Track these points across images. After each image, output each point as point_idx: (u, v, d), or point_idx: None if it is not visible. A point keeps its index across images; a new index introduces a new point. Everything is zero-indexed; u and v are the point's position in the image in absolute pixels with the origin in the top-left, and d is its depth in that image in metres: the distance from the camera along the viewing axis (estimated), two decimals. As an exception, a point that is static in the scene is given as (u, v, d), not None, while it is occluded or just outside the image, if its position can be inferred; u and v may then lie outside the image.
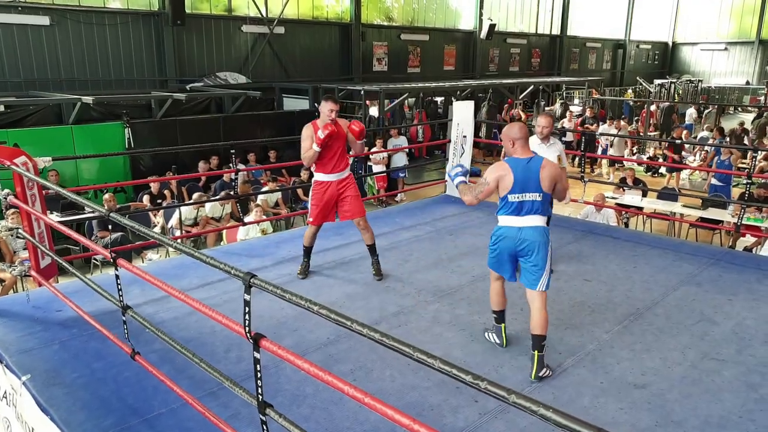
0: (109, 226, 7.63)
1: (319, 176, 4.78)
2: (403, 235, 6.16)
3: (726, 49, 30.35)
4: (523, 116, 17.11)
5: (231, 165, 6.77)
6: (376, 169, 11.93)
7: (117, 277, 2.99)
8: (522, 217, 3.43)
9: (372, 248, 4.98)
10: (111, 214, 2.94)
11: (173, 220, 8.28)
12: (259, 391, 2.12)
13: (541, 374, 3.43)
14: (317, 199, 4.79)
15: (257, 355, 2.08)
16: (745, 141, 14.58)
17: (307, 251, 5.05)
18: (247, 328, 2.09)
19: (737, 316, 4.26)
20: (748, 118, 23.54)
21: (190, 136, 10.49)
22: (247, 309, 2.09)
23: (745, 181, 6.24)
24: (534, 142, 4.69)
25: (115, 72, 13.03)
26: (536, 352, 3.42)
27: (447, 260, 5.44)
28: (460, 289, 4.76)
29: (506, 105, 18.41)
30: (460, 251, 5.72)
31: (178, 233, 7.98)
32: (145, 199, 8.96)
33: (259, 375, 2.09)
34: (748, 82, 29.33)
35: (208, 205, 8.54)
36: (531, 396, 3.44)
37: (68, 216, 7.78)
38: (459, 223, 6.73)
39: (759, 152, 10.94)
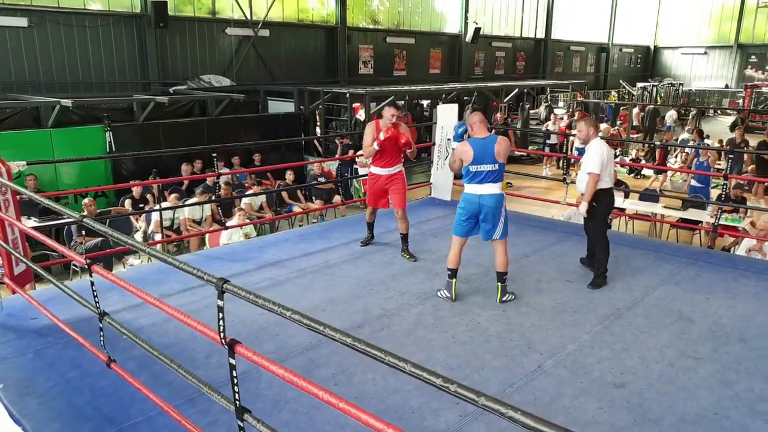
0: (83, 232, 7.55)
1: (373, 169, 5.62)
2: (388, 237, 6.16)
3: (706, 53, 30.75)
4: (499, 118, 17.19)
5: (214, 168, 6.74)
6: (362, 172, 11.90)
7: (92, 283, 2.95)
8: (482, 185, 4.39)
9: (404, 237, 5.65)
10: (84, 220, 2.91)
11: (152, 224, 8.21)
12: (237, 396, 2.11)
13: (504, 299, 4.52)
14: (369, 187, 5.73)
15: (233, 361, 2.07)
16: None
17: (369, 226, 5.99)
18: (221, 334, 2.07)
19: (714, 315, 4.32)
20: (727, 120, 23.84)
21: (173, 139, 10.41)
22: (221, 315, 2.08)
23: (722, 183, 6.31)
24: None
25: (95, 75, 12.89)
26: (500, 283, 4.52)
27: (431, 263, 5.45)
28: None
29: (492, 108, 18.49)
30: (444, 253, 5.69)
31: (158, 237, 7.91)
32: (127, 203, 8.88)
33: (235, 381, 2.08)
34: (727, 86, 29.72)
35: (187, 208, 8.48)
36: (512, 396, 3.47)
37: (46, 221, 7.69)
38: (443, 225, 6.75)
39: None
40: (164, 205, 8.03)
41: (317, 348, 3.75)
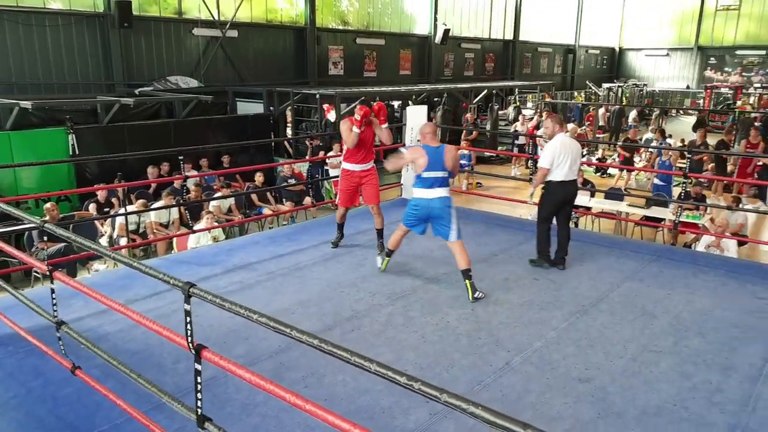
0: (45, 237, 7.37)
1: (346, 165, 5.57)
2: (359, 239, 6.18)
3: (668, 54, 31.54)
4: (470, 119, 17.35)
5: (182, 171, 6.65)
6: (333, 173, 11.88)
7: (52, 291, 2.90)
8: (432, 189, 4.70)
9: (380, 232, 5.73)
10: (45, 225, 2.86)
11: (117, 228, 8.07)
12: (199, 404, 2.10)
13: (476, 296, 4.61)
14: (343, 185, 5.63)
15: (198, 366, 2.06)
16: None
17: (340, 227, 5.94)
18: (189, 339, 2.06)
19: (674, 310, 4.44)
20: (689, 120, 24.47)
21: (139, 141, 10.25)
22: (188, 319, 2.06)
23: (682, 181, 6.49)
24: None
25: (57, 76, 12.59)
26: (467, 281, 4.67)
27: (402, 263, 5.48)
28: (414, 292, 4.81)
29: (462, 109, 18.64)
30: (414, 254, 5.77)
31: (123, 242, 7.78)
32: (92, 207, 8.70)
33: (198, 387, 2.06)
34: (688, 86, 30.54)
35: (153, 211, 8.36)
36: (481, 394, 3.52)
37: (5, 227, 7.49)
38: (412, 226, 6.78)
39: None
40: (130, 208, 7.90)
41: (287, 351, 3.74)
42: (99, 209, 8.67)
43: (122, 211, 7.63)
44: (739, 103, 26.03)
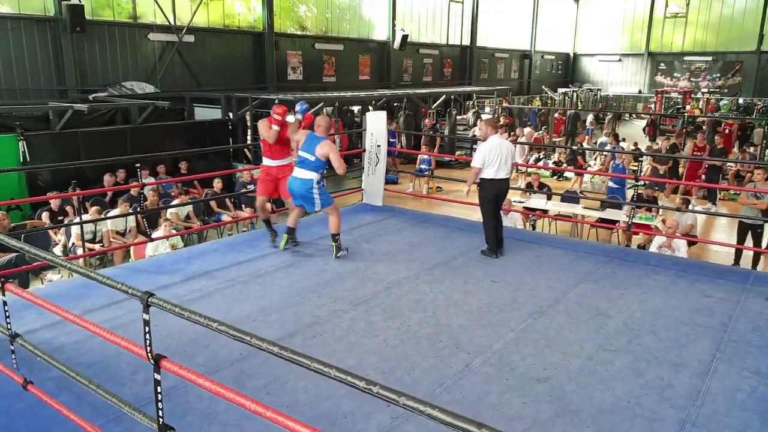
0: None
1: (264, 161, 6.06)
2: (320, 244, 6.17)
3: (620, 60, 32.52)
4: (428, 124, 17.53)
5: (138, 178, 6.53)
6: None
7: (4, 303, 2.82)
8: (300, 169, 5.53)
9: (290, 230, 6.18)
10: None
11: (73, 237, 7.87)
12: (160, 414, 2.08)
13: (338, 255, 5.64)
14: (261, 178, 6.16)
15: (157, 376, 2.04)
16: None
17: (267, 223, 6.29)
18: (148, 349, 2.04)
19: (628, 309, 4.59)
20: (642, 124, 25.26)
21: (94, 148, 10.00)
22: (147, 329, 2.04)
23: (634, 183, 6.71)
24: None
25: (6, 81, 12.18)
26: (333, 243, 5.68)
27: (363, 268, 5.51)
28: (376, 297, 4.83)
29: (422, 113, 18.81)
30: (375, 258, 5.81)
31: (80, 251, 7.59)
32: (44, 216, 8.45)
33: (159, 397, 2.05)
34: (640, 91, 31.54)
35: (110, 220, 8.17)
36: (442, 396, 3.57)
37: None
38: (375, 230, 6.83)
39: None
40: (85, 217, 7.71)
41: (249, 358, 3.72)
42: (52, 218, 8.43)
43: (77, 219, 7.45)
44: (688, 107, 27.03)
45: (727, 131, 20.48)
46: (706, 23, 29.83)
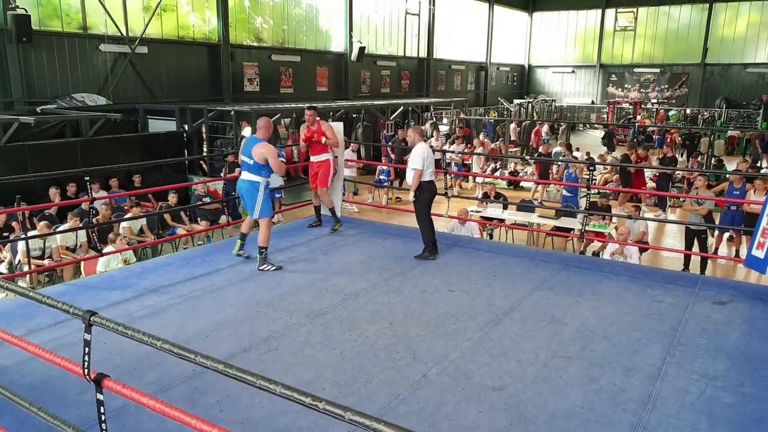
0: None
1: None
2: (277, 257, 6.10)
3: (573, 72, 33.43)
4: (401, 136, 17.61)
5: (88, 192, 6.33)
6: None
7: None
8: (245, 172, 5.68)
9: (332, 211, 7.20)
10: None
11: (19, 254, 7.57)
12: (104, 435, 2.01)
13: (261, 268, 5.66)
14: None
15: (100, 396, 1.97)
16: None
17: (316, 210, 7.43)
18: (86, 370, 1.96)
19: (582, 316, 4.67)
20: (597, 134, 25.94)
21: (41, 162, 9.67)
22: (86, 349, 1.97)
23: (587, 192, 6.87)
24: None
25: (-52, 93, 11.73)
26: (259, 255, 5.71)
27: (321, 280, 5.46)
28: (333, 309, 4.79)
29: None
30: (333, 270, 5.77)
31: (27, 268, 7.30)
32: (-12, 233, 8.13)
33: (103, 418, 1.97)
34: (593, 102, 32.45)
35: (59, 235, 7.91)
36: (398, 408, 3.54)
37: None
38: (333, 242, 6.80)
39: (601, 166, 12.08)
40: (32, 233, 7.43)
41: (201, 375, 3.62)
42: (-4, 235, 8.10)
43: (24, 235, 7.17)
44: (639, 117, 27.93)
45: (668, 140, 21.31)
46: (653, 36, 30.98)
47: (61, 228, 8.03)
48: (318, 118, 6.93)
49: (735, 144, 23.48)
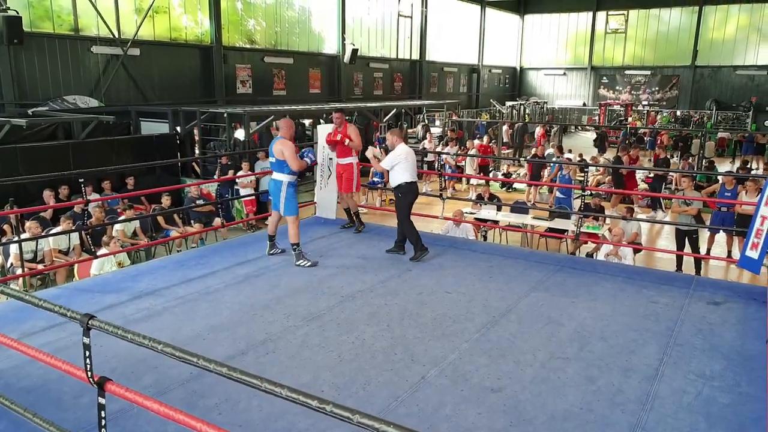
0: None
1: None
2: (272, 260, 6.09)
3: (565, 74, 33.56)
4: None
5: (82, 195, 6.29)
6: (243, 192, 11.66)
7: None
8: (274, 171, 5.95)
9: (356, 214, 7.27)
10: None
11: (11, 257, 7.51)
12: (105, 439, 1.99)
13: (298, 263, 5.85)
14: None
15: (102, 400, 1.95)
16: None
17: (347, 212, 7.36)
18: (89, 373, 1.95)
19: (578, 317, 4.69)
20: (589, 136, 26.06)
21: (33, 165, 9.60)
22: (87, 353, 1.95)
23: (581, 194, 6.89)
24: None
25: (-62, 95, 11.61)
26: (293, 251, 5.92)
27: (317, 282, 5.45)
28: (329, 311, 4.78)
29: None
30: (329, 272, 5.76)
31: (19, 271, 7.25)
32: (-20, 236, 8.06)
33: (103, 422, 1.96)
34: (584, 104, 32.60)
35: (51, 237, 7.85)
36: (397, 410, 3.54)
37: None
38: (328, 244, 6.78)
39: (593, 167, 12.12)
40: (24, 236, 7.37)
41: (199, 378, 3.61)
42: (-12, 238, 8.03)
43: (16, 238, 7.11)
44: (630, 119, 28.08)
45: (659, 142, 21.46)
46: (644, 39, 31.15)
47: (54, 231, 7.97)
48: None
49: (725, 146, 23.67)
